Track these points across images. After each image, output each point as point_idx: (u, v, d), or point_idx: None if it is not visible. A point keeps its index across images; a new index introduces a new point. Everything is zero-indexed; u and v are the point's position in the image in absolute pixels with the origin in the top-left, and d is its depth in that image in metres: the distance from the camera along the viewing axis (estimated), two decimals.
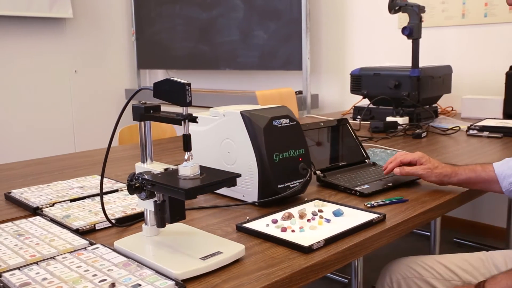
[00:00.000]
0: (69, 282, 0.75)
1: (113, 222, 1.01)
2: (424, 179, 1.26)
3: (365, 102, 2.52)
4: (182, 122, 0.83)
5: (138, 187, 0.86)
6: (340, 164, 1.41)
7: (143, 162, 0.91)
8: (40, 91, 4.04)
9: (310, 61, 3.42)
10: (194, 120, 0.83)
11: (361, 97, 2.56)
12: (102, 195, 0.95)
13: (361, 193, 1.20)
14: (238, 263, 0.83)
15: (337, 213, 1.04)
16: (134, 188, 0.86)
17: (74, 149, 4.20)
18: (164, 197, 0.85)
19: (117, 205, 1.13)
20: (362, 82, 2.50)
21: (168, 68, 4.55)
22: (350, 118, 2.49)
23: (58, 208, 1.12)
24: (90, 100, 4.36)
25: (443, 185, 1.25)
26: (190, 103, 0.80)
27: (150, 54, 4.48)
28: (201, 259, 0.80)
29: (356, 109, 2.52)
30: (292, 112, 1.20)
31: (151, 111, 0.88)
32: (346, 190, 1.24)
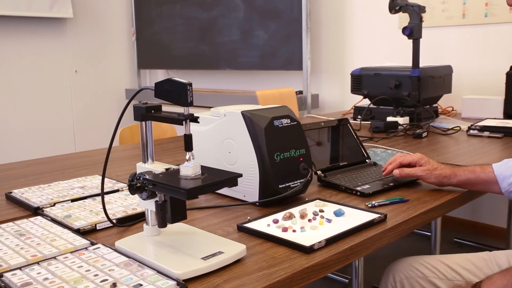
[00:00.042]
0: (71, 282, 0.75)
1: (114, 222, 1.01)
2: (424, 181, 1.26)
3: (366, 102, 2.52)
4: (184, 122, 0.83)
5: (140, 187, 0.86)
6: (341, 164, 1.41)
7: (144, 162, 0.91)
8: (41, 91, 4.04)
9: (311, 61, 3.42)
10: (196, 120, 0.83)
11: (362, 97, 2.56)
12: (103, 195, 0.95)
13: (362, 193, 1.20)
14: (240, 263, 0.83)
15: (338, 213, 1.05)
16: (136, 188, 0.86)
17: (75, 149, 4.20)
18: (166, 197, 0.85)
19: (118, 205, 1.13)
20: (363, 82, 2.50)
21: (169, 68, 4.55)
22: (351, 118, 2.49)
23: (59, 208, 1.12)
24: (90, 100, 4.36)
25: (443, 186, 1.25)
26: (192, 103, 0.80)
27: (151, 54, 4.48)
28: (203, 259, 0.80)
29: (357, 109, 2.52)
30: (293, 112, 1.20)
31: (152, 111, 0.88)
32: (347, 190, 1.24)
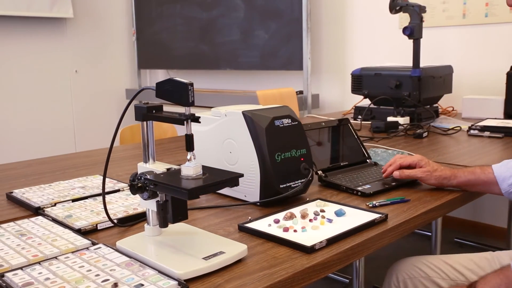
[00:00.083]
0: (72, 282, 0.75)
1: (115, 222, 1.01)
2: (424, 182, 1.26)
3: (366, 102, 2.52)
4: (185, 122, 0.83)
5: (141, 187, 0.86)
6: (342, 164, 1.41)
7: (145, 162, 0.91)
8: (41, 91, 4.04)
9: (311, 61, 3.42)
10: (197, 120, 0.83)
11: (362, 97, 2.56)
12: (104, 195, 0.95)
13: (363, 193, 1.20)
14: (241, 263, 0.83)
15: (339, 213, 1.05)
16: (137, 188, 0.86)
17: (75, 149, 4.20)
18: (167, 197, 0.85)
19: (119, 205, 1.13)
20: (363, 82, 2.50)
21: (169, 68, 4.55)
22: (351, 118, 2.49)
23: (60, 208, 1.12)
24: (91, 100, 4.36)
25: (443, 188, 1.25)
26: (193, 103, 0.80)
27: (151, 54, 4.48)
28: (204, 259, 0.80)
29: (357, 109, 2.52)
30: (294, 112, 1.20)
31: (154, 111, 0.88)
32: (348, 190, 1.24)
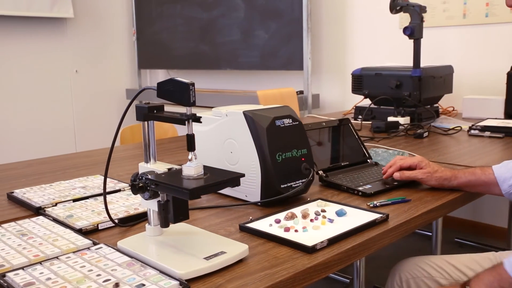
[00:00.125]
0: (73, 282, 0.75)
1: (116, 222, 1.01)
2: (424, 183, 1.26)
3: (366, 102, 2.52)
4: (186, 122, 0.83)
5: (142, 187, 0.86)
6: (342, 164, 1.41)
7: (147, 162, 0.91)
8: (41, 91, 4.05)
9: (311, 61, 3.42)
10: (198, 120, 0.83)
11: (363, 97, 2.56)
12: (106, 195, 0.95)
13: (364, 193, 1.20)
14: (242, 263, 0.83)
15: (340, 213, 1.05)
16: (138, 188, 0.86)
17: (75, 149, 4.20)
18: (168, 197, 0.85)
19: (120, 205, 1.13)
20: (364, 82, 2.50)
21: (169, 68, 4.55)
22: (351, 118, 2.49)
23: (61, 208, 1.12)
24: (91, 100, 4.36)
25: (443, 189, 1.25)
26: (194, 103, 0.80)
27: (151, 54, 4.48)
28: (205, 259, 0.80)
29: (358, 109, 2.52)
30: (295, 112, 1.20)
31: (155, 111, 0.88)
32: (349, 190, 1.24)
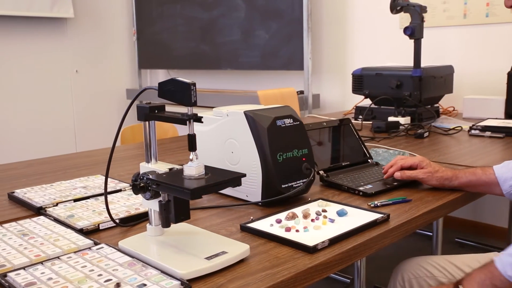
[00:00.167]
0: (75, 282, 0.75)
1: (117, 222, 1.01)
2: (425, 183, 1.26)
3: (367, 102, 2.52)
4: (187, 122, 0.83)
5: (143, 187, 0.86)
6: (343, 164, 1.41)
7: (148, 162, 0.91)
8: (41, 91, 4.05)
9: (312, 61, 3.42)
10: (199, 120, 0.83)
11: (363, 97, 2.56)
12: (107, 195, 0.95)
13: (365, 193, 1.20)
14: (243, 263, 0.83)
15: (341, 213, 1.05)
16: (139, 188, 0.86)
17: (75, 149, 4.20)
18: (169, 197, 0.84)
19: (121, 205, 1.13)
20: (364, 82, 2.50)
21: (169, 68, 4.55)
22: (352, 118, 2.49)
23: (62, 208, 1.12)
24: (91, 100, 4.36)
25: (444, 189, 1.25)
26: (195, 103, 0.80)
27: (151, 54, 4.48)
28: (206, 259, 0.80)
29: (358, 109, 2.52)
30: (296, 112, 1.20)
31: (156, 111, 0.88)
32: (350, 190, 1.24)
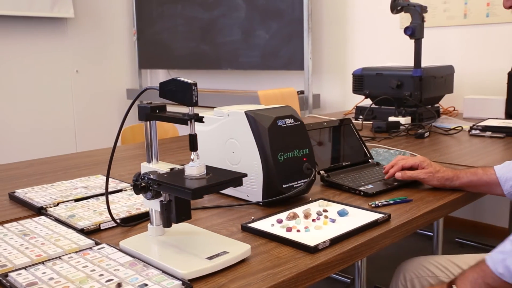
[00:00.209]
0: (76, 282, 0.75)
1: (118, 222, 1.01)
2: (426, 183, 1.26)
3: (367, 102, 2.51)
4: (189, 122, 0.83)
5: (144, 187, 0.86)
6: (344, 164, 1.41)
7: (149, 162, 0.91)
8: (42, 91, 4.05)
9: (312, 61, 3.42)
10: (201, 120, 0.83)
11: (363, 97, 2.56)
12: (108, 195, 0.95)
13: (365, 193, 1.20)
14: (244, 263, 0.83)
15: (342, 213, 1.05)
16: (140, 188, 0.86)
17: (76, 149, 4.20)
18: (170, 197, 0.85)
19: (122, 205, 1.13)
20: (364, 82, 2.50)
21: (170, 68, 4.55)
22: (352, 118, 2.49)
23: (63, 208, 1.12)
24: (91, 100, 4.36)
25: (445, 189, 1.25)
26: (197, 103, 0.80)
27: (152, 54, 4.48)
28: (208, 259, 0.80)
29: (358, 109, 2.52)
30: (296, 112, 1.20)
31: (157, 111, 0.88)
32: (350, 190, 1.24)
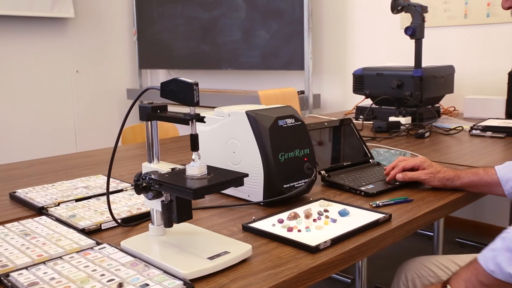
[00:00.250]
0: (77, 282, 0.75)
1: (119, 222, 1.01)
2: (427, 184, 1.26)
3: (368, 102, 2.51)
4: (190, 122, 0.83)
5: (145, 187, 0.86)
6: (344, 164, 1.41)
7: (150, 162, 0.91)
8: (42, 91, 4.05)
9: (312, 61, 3.42)
10: (202, 120, 0.83)
11: (364, 97, 2.56)
12: (109, 195, 0.95)
13: (366, 193, 1.20)
14: (245, 263, 0.83)
15: (343, 213, 1.05)
16: (141, 188, 0.86)
17: (76, 149, 4.20)
18: (172, 197, 0.85)
19: (123, 205, 1.13)
20: (365, 82, 2.50)
21: (170, 68, 4.55)
22: (353, 118, 2.49)
23: (64, 208, 1.12)
24: (92, 100, 4.36)
25: (446, 189, 1.25)
26: (198, 103, 0.80)
27: (152, 54, 4.48)
28: (209, 259, 0.80)
29: (359, 109, 2.52)
30: (297, 112, 1.20)
31: (158, 111, 0.88)
32: (351, 190, 1.24)
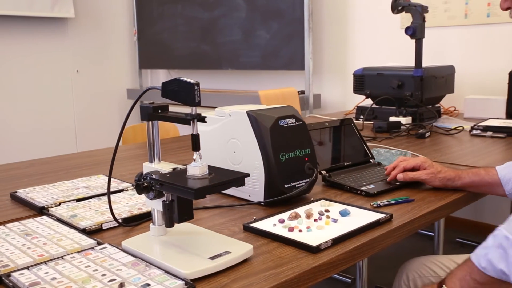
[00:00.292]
0: (79, 282, 0.75)
1: (120, 222, 1.01)
2: (428, 184, 1.26)
3: (368, 102, 2.52)
4: (191, 122, 0.83)
5: (146, 187, 0.86)
6: (345, 164, 1.41)
7: (151, 162, 0.91)
8: (42, 91, 4.05)
9: (313, 61, 3.42)
10: (203, 120, 0.83)
11: (364, 97, 2.56)
12: (110, 195, 0.95)
13: (367, 193, 1.20)
14: (247, 263, 0.83)
15: (344, 213, 1.05)
16: (142, 188, 0.86)
17: (76, 149, 4.20)
18: (173, 197, 0.85)
19: (123, 205, 1.13)
20: (365, 82, 2.50)
21: (170, 68, 4.55)
22: (353, 118, 2.49)
23: (65, 208, 1.12)
24: (92, 100, 4.36)
25: (447, 189, 1.25)
26: (199, 103, 0.80)
27: (152, 54, 4.48)
28: (210, 259, 0.80)
29: (359, 109, 2.52)
30: (298, 112, 1.20)
31: (159, 111, 0.88)
32: (352, 190, 1.24)
